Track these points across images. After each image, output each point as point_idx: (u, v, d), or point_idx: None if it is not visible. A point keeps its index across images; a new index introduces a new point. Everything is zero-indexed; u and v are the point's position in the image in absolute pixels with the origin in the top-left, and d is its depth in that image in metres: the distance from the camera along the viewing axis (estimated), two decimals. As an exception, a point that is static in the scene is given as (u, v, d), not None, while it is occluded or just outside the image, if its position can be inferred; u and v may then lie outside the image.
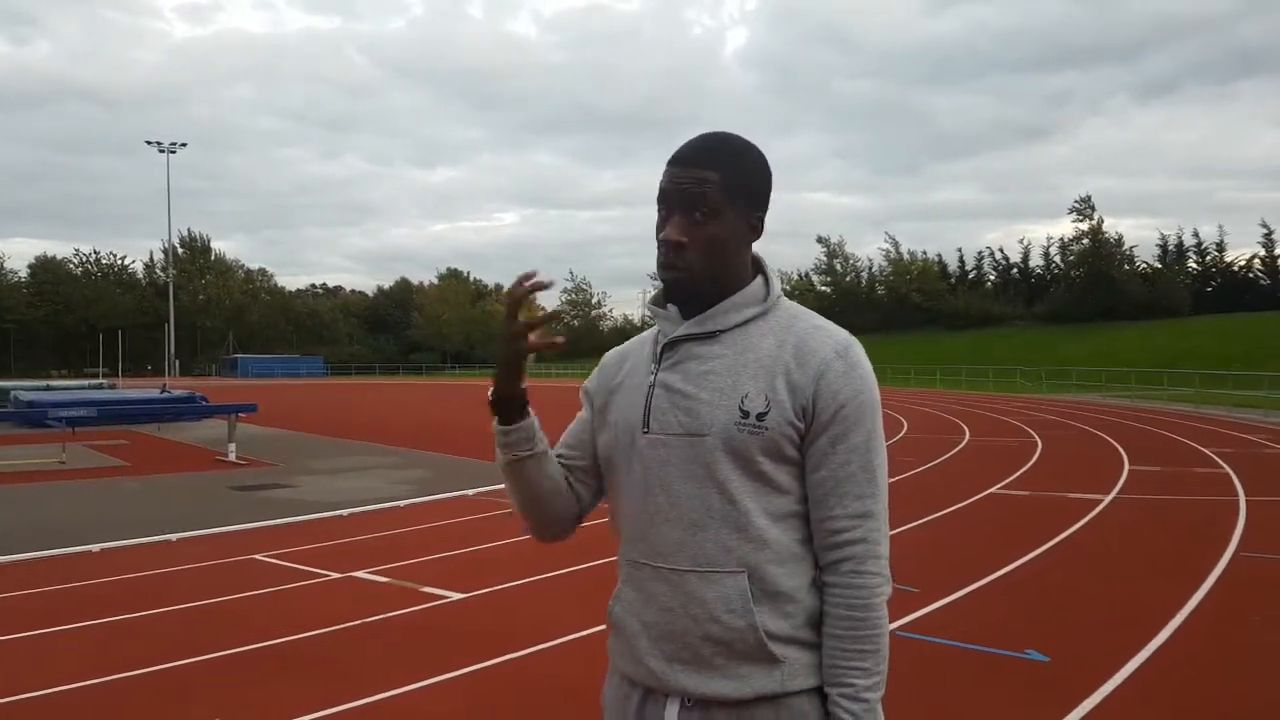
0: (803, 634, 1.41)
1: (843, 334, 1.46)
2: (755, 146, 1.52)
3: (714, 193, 1.43)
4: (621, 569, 1.56)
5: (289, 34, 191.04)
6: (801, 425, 1.40)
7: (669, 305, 1.53)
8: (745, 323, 1.46)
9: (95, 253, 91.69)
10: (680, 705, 1.41)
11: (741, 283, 1.49)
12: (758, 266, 1.53)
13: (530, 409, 1.55)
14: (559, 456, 1.64)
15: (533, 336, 1.48)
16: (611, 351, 1.67)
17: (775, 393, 1.40)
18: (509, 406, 1.53)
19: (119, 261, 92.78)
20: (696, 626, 1.39)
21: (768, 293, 1.49)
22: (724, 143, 1.49)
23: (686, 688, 1.40)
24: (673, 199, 1.45)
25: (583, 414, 1.66)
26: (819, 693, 1.40)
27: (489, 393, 1.53)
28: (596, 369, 1.67)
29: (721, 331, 1.46)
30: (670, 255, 1.45)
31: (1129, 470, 12.47)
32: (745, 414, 1.39)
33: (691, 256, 1.44)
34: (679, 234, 1.44)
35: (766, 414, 1.39)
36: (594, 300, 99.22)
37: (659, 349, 1.51)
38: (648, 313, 1.59)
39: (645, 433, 1.47)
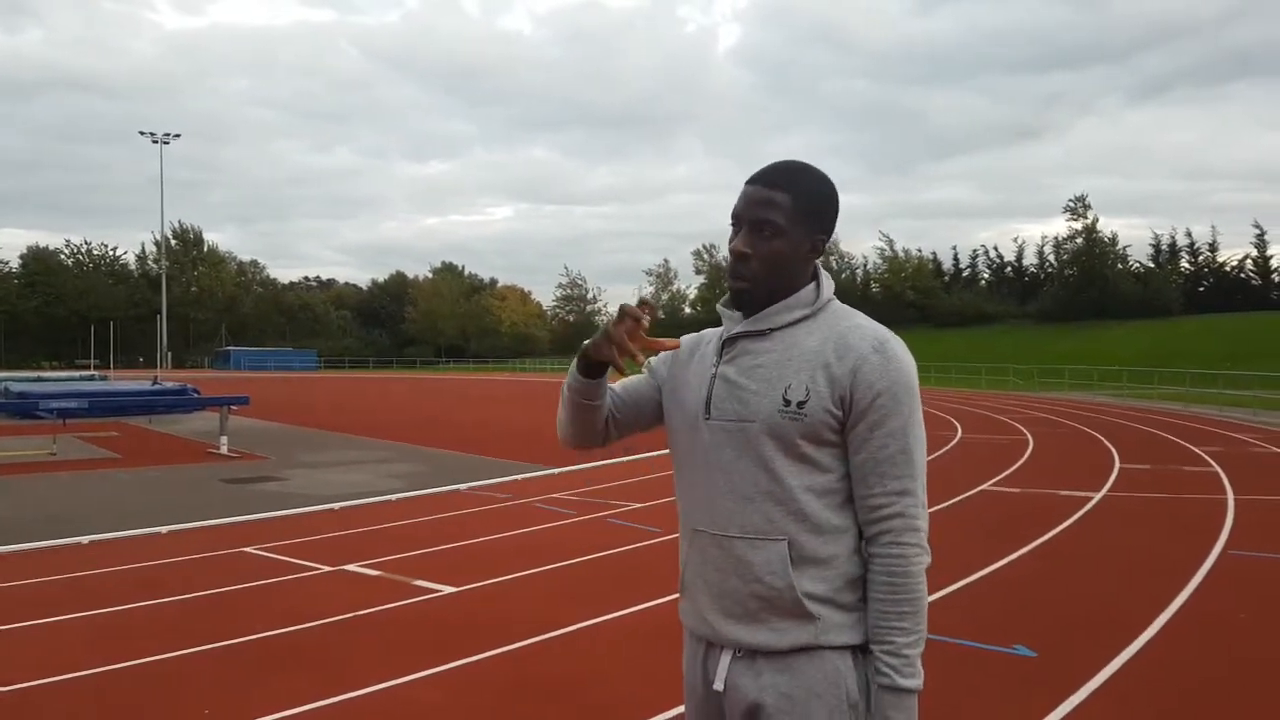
0: (839, 597, 1.58)
1: (881, 331, 1.62)
2: (826, 176, 1.69)
3: (781, 212, 1.61)
4: (684, 537, 1.74)
5: (282, 26, 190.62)
6: (840, 413, 1.57)
7: (737, 308, 1.71)
8: (794, 323, 1.64)
9: (87, 243, 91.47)
10: (733, 655, 1.62)
11: (794, 289, 1.66)
12: (814, 274, 1.70)
13: (608, 376, 1.74)
14: (611, 395, 1.82)
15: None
16: (686, 338, 1.84)
17: (815, 384, 1.57)
18: (593, 367, 1.70)
19: (111, 252, 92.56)
20: (744, 586, 1.59)
21: (817, 297, 1.66)
22: (798, 169, 1.67)
23: (739, 639, 1.60)
24: (744, 215, 1.64)
25: (644, 378, 1.85)
26: (853, 651, 1.59)
27: (582, 345, 1.70)
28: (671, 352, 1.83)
29: (773, 330, 1.65)
30: (736, 264, 1.65)
31: (1119, 468, 12.53)
32: (787, 402, 1.57)
33: (754, 267, 1.63)
34: (744, 246, 1.63)
35: (806, 402, 1.57)
36: (589, 296, 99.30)
37: (721, 343, 1.71)
38: (719, 310, 1.88)
39: (707, 418, 1.66)
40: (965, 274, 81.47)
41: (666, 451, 1.79)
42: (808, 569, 1.57)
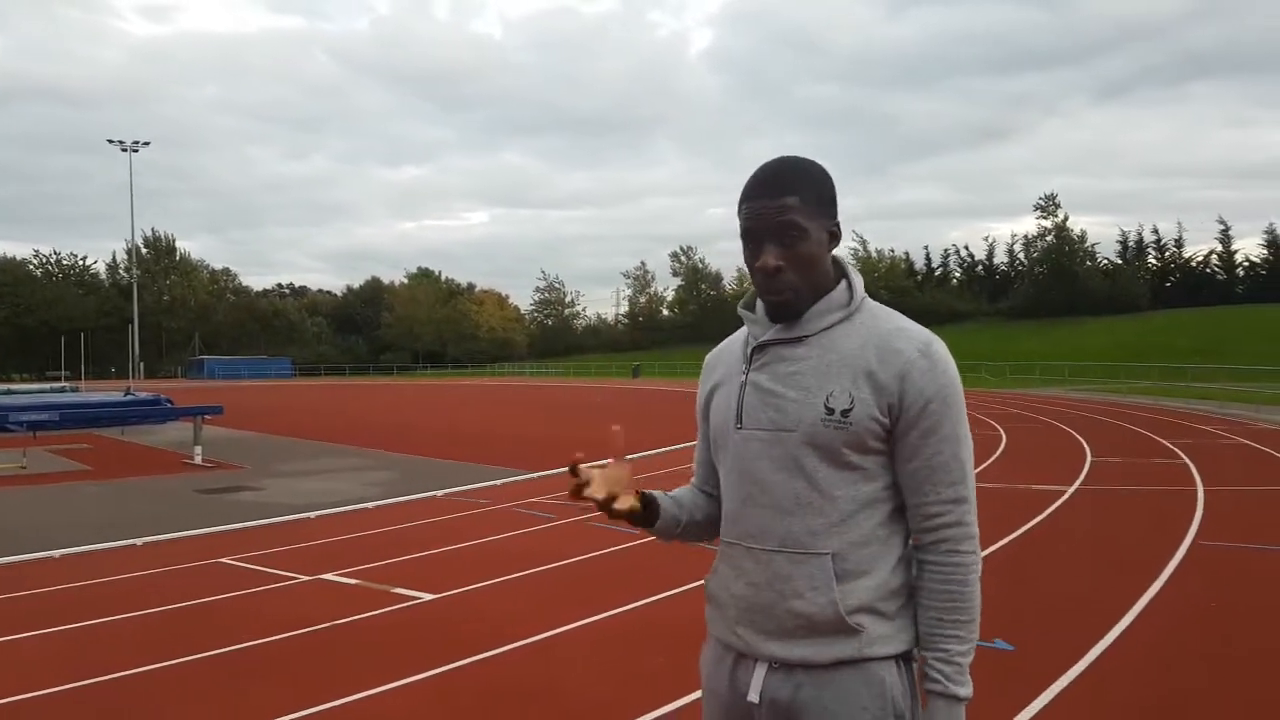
0: (883, 606, 1.52)
1: (924, 333, 1.55)
2: (816, 162, 1.63)
3: (797, 214, 1.53)
4: (719, 548, 1.69)
5: (252, 34, 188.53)
6: (887, 420, 1.50)
7: (757, 308, 1.65)
8: (830, 326, 1.56)
9: (56, 253, 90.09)
10: (768, 667, 1.55)
11: (827, 288, 1.59)
12: (840, 271, 1.62)
13: (657, 504, 1.70)
14: (698, 483, 1.82)
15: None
16: (710, 354, 1.80)
17: (859, 390, 1.50)
18: (644, 521, 1.69)
19: (80, 262, 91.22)
20: (782, 601, 1.53)
21: (851, 297, 1.59)
22: (792, 166, 1.58)
23: (774, 654, 1.54)
24: (762, 229, 1.55)
25: (701, 430, 1.78)
26: (897, 661, 1.53)
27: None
28: (701, 376, 1.79)
29: (808, 335, 1.57)
30: (772, 280, 1.56)
31: (1091, 462, 12.68)
32: (830, 411, 1.50)
33: (791, 277, 1.55)
34: (775, 259, 1.55)
35: (851, 410, 1.49)
36: (567, 299, 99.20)
37: (749, 351, 1.62)
38: (740, 314, 1.74)
39: (738, 428, 1.59)
40: (937, 273, 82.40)
41: (642, 455, 1.78)
42: (851, 582, 1.50)
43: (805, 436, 1.51)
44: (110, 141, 59.07)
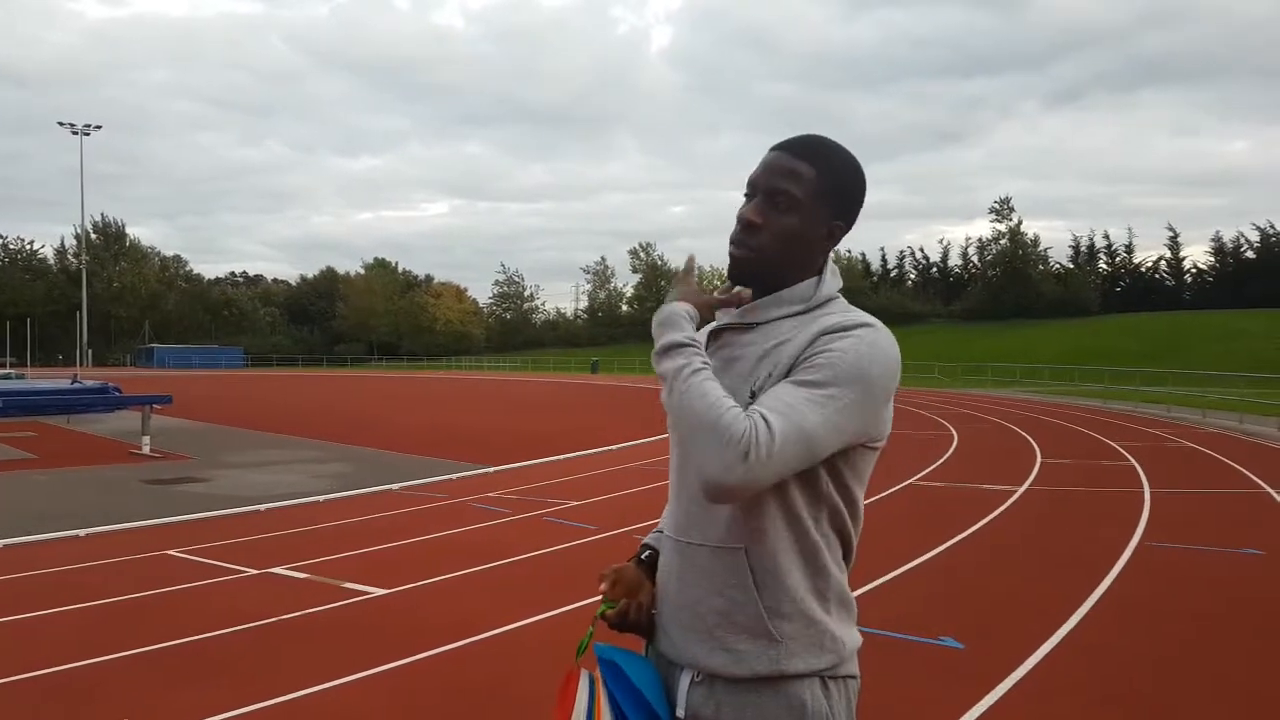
0: (804, 614, 1.43)
1: (865, 319, 1.44)
2: (857, 161, 1.56)
3: (801, 185, 1.47)
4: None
5: (208, 18, 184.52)
6: None
7: (734, 280, 1.58)
8: (783, 317, 1.50)
9: (2, 237, 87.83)
10: (691, 679, 1.49)
11: (797, 277, 1.51)
12: (820, 269, 1.55)
13: (650, 545, 1.68)
14: None
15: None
16: None
17: (779, 372, 1.41)
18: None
19: (28, 247, 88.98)
20: (705, 598, 1.47)
21: (815, 292, 1.51)
22: (828, 144, 1.53)
23: (695, 659, 1.47)
24: (761, 181, 1.50)
25: None
26: (821, 679, 1.44)
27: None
28: None
29: (758, 323, 1.51)
30: (743, 232, 1.50)
31: (1041, 463, 12.88)
32: (753, 395, 1.41)
33: (763, 239, 1.48)
34: (756, 215, 1.49)
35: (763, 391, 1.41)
36: (526, 293, 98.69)
37: (707, 336, 1.58)
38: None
39: None
40: (893, 274, 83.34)
41: (600, 450, 1.75)
42: (771, 582, 1.42)
43: None
44: (61, 124, 57.99)
